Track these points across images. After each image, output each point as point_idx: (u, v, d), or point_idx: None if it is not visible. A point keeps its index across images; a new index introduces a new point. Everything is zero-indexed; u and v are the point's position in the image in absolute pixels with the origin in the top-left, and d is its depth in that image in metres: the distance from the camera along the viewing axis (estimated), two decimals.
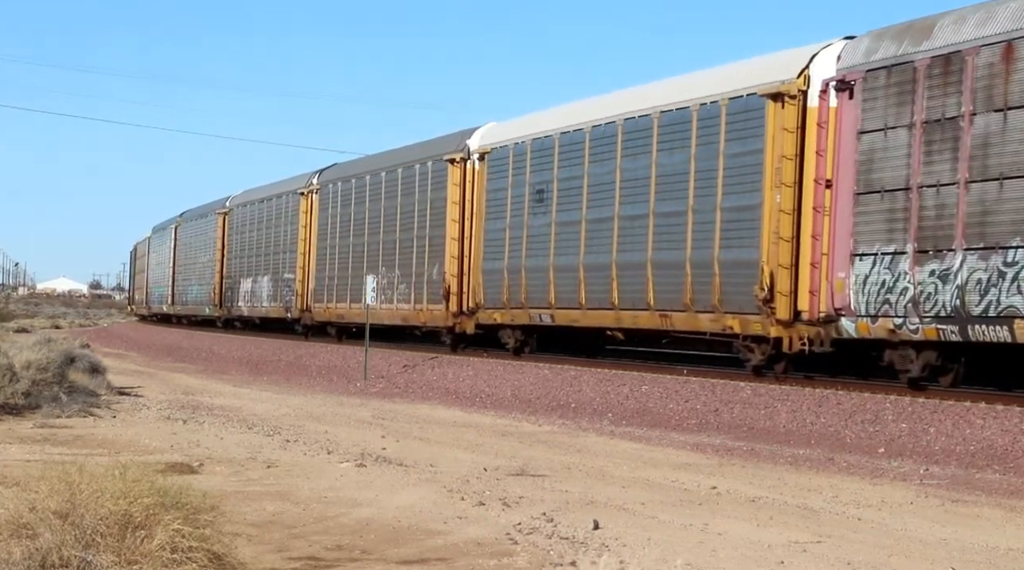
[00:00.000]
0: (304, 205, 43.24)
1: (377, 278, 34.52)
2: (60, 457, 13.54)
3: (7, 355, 20.39)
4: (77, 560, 7.14)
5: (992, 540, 10.67)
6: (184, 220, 63.49)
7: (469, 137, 32.48)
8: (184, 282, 61.65)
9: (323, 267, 41.15)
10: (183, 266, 62.06)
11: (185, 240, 62.20)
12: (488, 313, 30.76)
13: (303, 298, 42.61)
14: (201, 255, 57.89)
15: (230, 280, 52.06)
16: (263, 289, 47.50)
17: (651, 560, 9.17)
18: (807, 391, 20.58)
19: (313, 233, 42.41)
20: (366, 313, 33.24)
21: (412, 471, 13.97)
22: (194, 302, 58.93)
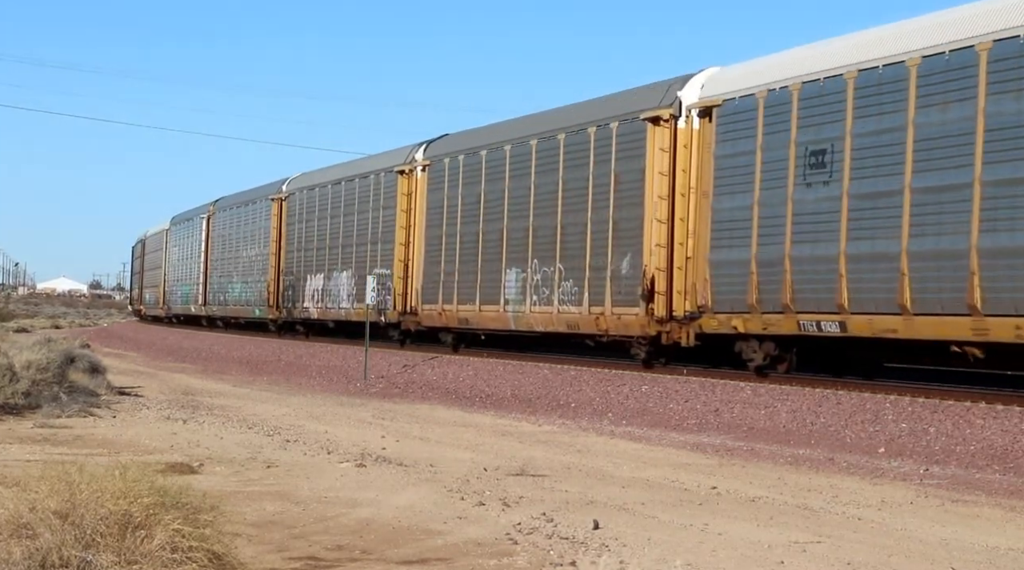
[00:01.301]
0: (405, 185, 35.60)
1: (527, 273, 28.82)
2: (60, 457, 13.54)
3: (7, 355, 20.39)
4: (77, 560, 7.14)
5: (992, 540, 10.67)
6: (220, 208, 55.22)
7: (681, 87, 24.98)
8: (223, 279, 53.26)
9: (435, 260, 33.61)
10: (221, 261, 53.82)
11: (223, 231, 54.02)
12: (720, 319, 23.13)
13: (405, 298, 35.24)
14: (247, 248, 50.04)
15: (290, 277, 44.50)
16: (340, 287, 39.94)
17: (651, 560, 9.17)
18: (807, 391, 20.59)
19: (419, 219, 34.77)
20: (367, 314, 33.17)
21: (412, 471, 13.97)
22: (238, 302, 50.97)
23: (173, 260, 64.61)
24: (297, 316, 44.00)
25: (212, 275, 55.19)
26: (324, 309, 41.27)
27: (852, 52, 20.98)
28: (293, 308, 44.12)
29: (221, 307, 53.57)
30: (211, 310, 55.26)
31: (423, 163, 34.86)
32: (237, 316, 51.61)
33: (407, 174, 35.71)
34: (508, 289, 29.00)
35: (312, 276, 42.49)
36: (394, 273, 35.54)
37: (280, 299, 45.61)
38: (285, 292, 45.09)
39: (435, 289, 33.38)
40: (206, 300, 56.11)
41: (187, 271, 60.55)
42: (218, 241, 54.70)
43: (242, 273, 50.67)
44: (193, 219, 60.07)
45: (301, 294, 43.36)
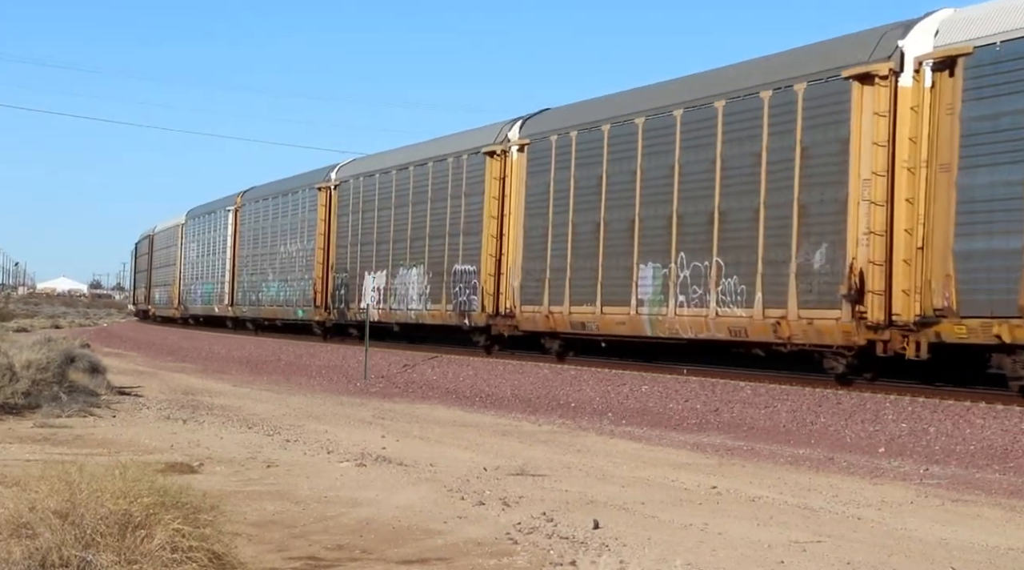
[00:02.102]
0: (495, 168, 30.70)
1: (670, 268, 24.17)
2: (60, 457, 13.54)
3: (7, 355, 20.38)
4: (77, 560, 7.14)
5: (992, 540, 10.67)
6: (249, 199, 50.58)
7: (903, 35, 19.91)
8: (255, 277, 48.15)
9: (538, 254, 28.67)
10: (252, 257, 48.75)
11: (254, 224, 49.10)
12: (970, 325, 18.13)
13: (496, 299, 30.24)
14: (287, 242, 44.94)
15: (343, 274, 39.45)
16: (410, 286, 34.59)
17: (651, 560, 9.17)
18: (807, 391, 20.59)
19: (516, 207, 29.80)
20: (366, 313, 33.20)
21: (412, 471, 13.97)
22: (275, 303, 45.77)
23: (190, 257, 59.35)
24: (352, 317, 38.56)
25: (241, 273, 50.00)
26: (387, 311, 35.82)
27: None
28: (346, 309, 39.07)
29: (253, 308, 48.20)
30: (240, 311, 49.89)
31: (520, 142, 29.94)
32: (273, 317, 46.31)
33: (498, 156, 30.59)
34: (643, 288, 24.59)
35: (371, 273, 37.35)
36: (482, 270, 30.64)
37: (330, 299, 40.53)
38: (336, 292, 40.02)
39: (538, 288, 28.57)
40: (233, 300, 50.90)
41: (209, 268, 55.41)
42: (248, 235, 49.74)
43: (280, 270, 45.41)
44: (216, 212, 54.85)
45: (356, 293, 38.17)
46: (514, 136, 30.41)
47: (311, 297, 41.77)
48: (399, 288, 35.41)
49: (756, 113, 22.49)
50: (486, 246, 30.82)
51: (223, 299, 52.42)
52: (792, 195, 21.53)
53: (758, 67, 23.58)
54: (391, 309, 35.70)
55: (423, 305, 33.82)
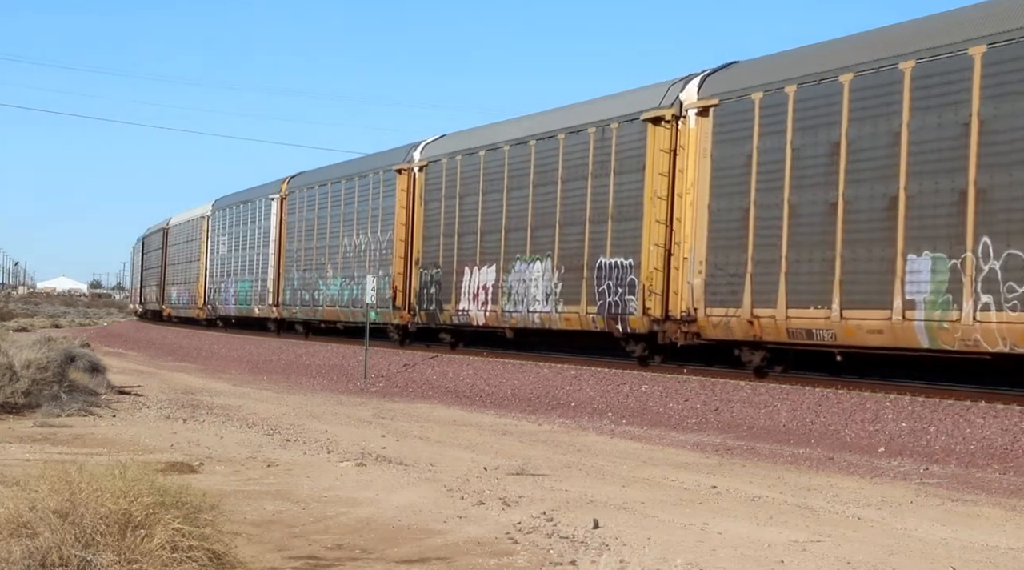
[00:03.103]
0: (660, 139, 24.76)
1: (963, 258, 18.44)
2: (60, 456, 13.54)
3: (7, 354, 20.39)
4: (77, 559, 7.14)
5: (992, 539, 10.67)
6: (298, 186, 44.76)
7: None
8: (309, 274, 42.30)
9: (733, 244, 22.85)
10: (304, 251, 43.13)
11: (306, 213, 43.32)
12: None
13: (667, 299, 24.52)
14: (352, 234, 39.08)
15: (434, 270, 33.80)
16: (532, 283, 28.96)
17: (651, 559, 9.17)
18: (807, 390, 20.58)
19: (694, 185, 23.90)
20: (365, 314, 33.16)
21: (412, 470, 13.97)
22: (337, 303, 39.87)
23: (220, 251, 53.27)
24: (445, 321, 33.05)
25: (290, 269, 44.20)
26: (499, 314, 30.15)
27: None
28: (439, 311, 33.21)
29: (306, 308, 42.23)
30: (290, 312, 43.95)
31: (700, 104, 23.99)
32: (333, 320, 40.57)
33: (667, 123, 24.77)
34: (913, 285, 19.24)
35: (475, 269, 31.49)
36: (643, 264, 24.94)
37: (415, 300, 34.74)
38: (423, 290, 34.24)
39: (734, 285, 22.68)
40: (280, 300, 45.01)
41: (245, 264, 49.56)
42: (298, 226, 43.73)
43: (343, 266, 39.57)
44: (255, 201, 48.94)
45: (453, 293, 32.38)
46: (689, 96, 24.36)
47: (388, 297, 35.89)
48: (515, 286, 29.56)
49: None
50: (649, 234, 24.89)
51: (265, 298, 46.54)
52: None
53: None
54: (503, 312, 29.90)
55: (552, 307, 28.08)
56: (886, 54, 20.22)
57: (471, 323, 31.64)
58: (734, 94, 23.34)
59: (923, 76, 19.34)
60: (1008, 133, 17.94)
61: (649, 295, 24.75)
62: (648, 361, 25.73)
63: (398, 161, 36.45)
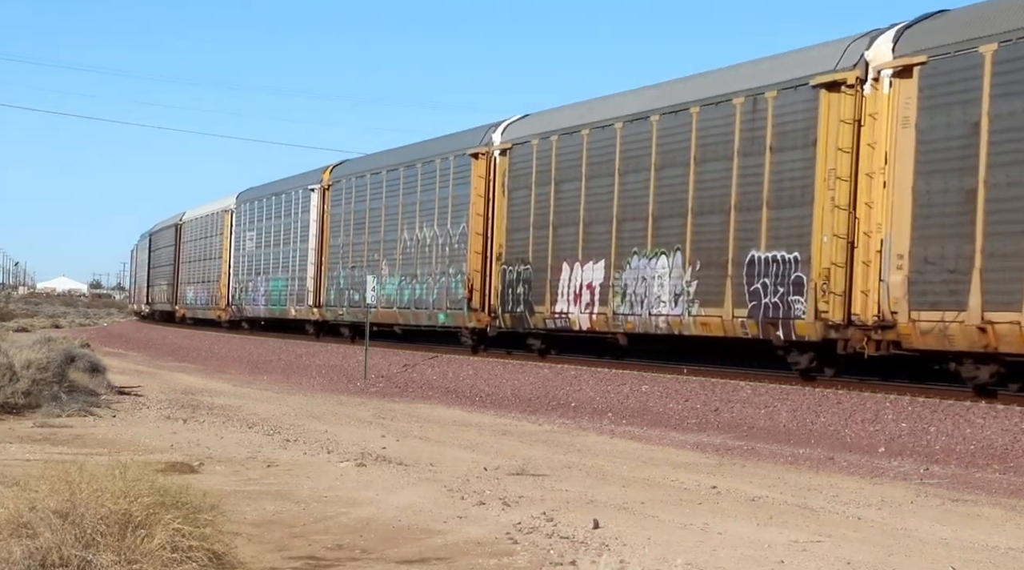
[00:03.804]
0: (841, 108, 20.68)
1: None
2: (60, 456, 13.55)
3: (7, 354, 20.39)
4: (77, 559, 7.14)
5: (992, 539, 10.67)
6: (343, 176, 40.53)
7: None
8: (359, 272, 37.69)
9: (948, 232, 18.75)
10: (352, 246, 38.92)
11: (355, 205, 39.02)
12: None
13: (849, 299, 20.50)
14: (415, 227, 34.78)
15: (522, 267, 29.41)
16: (654, 282, 24.67)
17: (651, 559, 9.17)
18: (807, 390, 20.59)
19: (893, 163, 19.65)
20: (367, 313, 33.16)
21: (412, 470, 13.97)
22: (395, 304, 35.65)
23: (247, 248, 49.14)
24: (537, 325, 28.96)
25: (334, 267, 40.02)
26: (609, 317, 26.03)
27: None
28: (528, 313, 29.07)
29: (356, 309, 37.39)
30: (335, 313, 39.86)
31: (896, 64, 19.79)
32: (391, 322, 36.41)
33: (848, 88, 20.59)
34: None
35: (575, 265, 27.32)
36: (813, 258, 21.02)
37: (496, 300, 30.50)
38: (507, 290, 30.04)
39: (954, 283, 18.52)
40: (322, 300, 40.96)
41: (278, 262, 45.39)
42: (345, 219, 39.55)
43: (403, 263, 35.29)
44: (290, 193, 44.81)
45: (547, 292, 28.30)
46: (880, 55, 20.27)
47: (461, 297, 31.73)
48: (631, 285, 25.31)
49: None
50: (822, 223, 20.91)
51: (304, 299, 42.32)
52: None
53: None
54: (615, 315, 25.76)
55: (684, 309, 23.81)
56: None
57: (571, 327, 27.24)
58: (950, 49, 18.96)
59: None
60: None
61: (824, 295, 20.66)
62: (814, 375, 21.53)
63: (473, 144, 31.75)
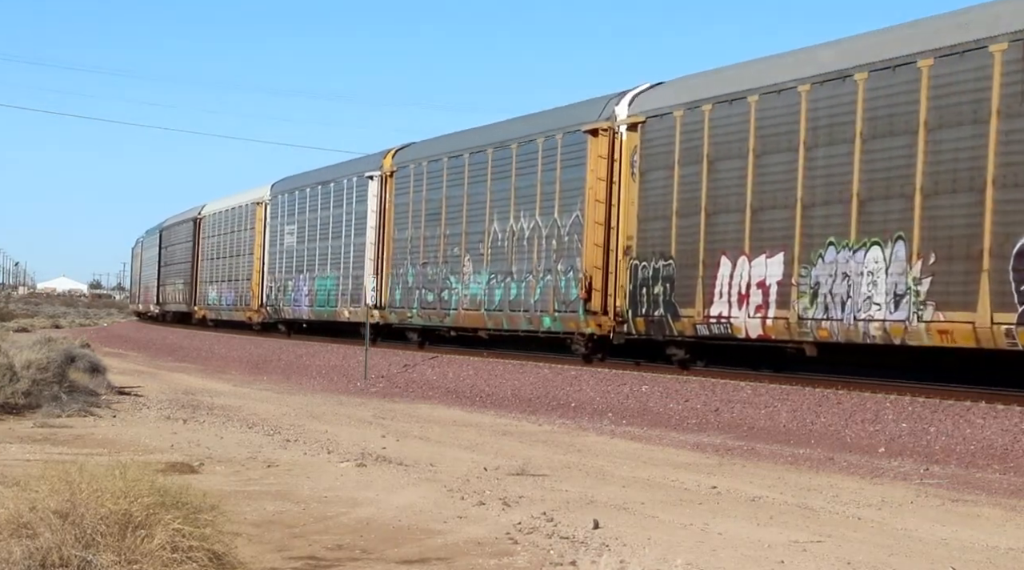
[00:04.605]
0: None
1: None
2: (60, 456, 13.55)
3: (7, 355, 20.38)
4: (77, 559, 7.14)
5: (992, 540, 10.67)
6: (411, 161, 35.45)
7: None
8: (433, 269, 33.21)
9: None
10: (423, 240, 34.06)
11: (426, 193, 33.98)
12: None
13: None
14: (508, 217, 29.80)
15: (660, 263, 24.60)
16: (860, 280, 20.19)
17: (651, 559, 9.17)
18: (807, 390, 20.59)
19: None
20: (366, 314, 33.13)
21: (412, 470, 13.97)
22: (478, 305, 30.87)
23: (286, 243, 44.66)
24: (683, 332, 24.04)
25: (401, 263, 35.18)
26: (792, 322, 21.38)
27: None
28: (670, 317, 24.22)
29: (432, 312, 33.18)
30: (401, 316, 35.00)
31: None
32: (475, 327, 31.57)
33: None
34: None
35: (740, 260, 22.61)
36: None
37: (624, 301, 25.69)
38: (640, 289, 25.25)
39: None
40: (384, 301, 36.19)
41: (326, 258, 40.79)
42: (411, 209, 34.87)
43: (492, 258, 30.46)
44: (341, 181, 40.13)
45: (698, 292, 23.48)
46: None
47: (575, 298, 26.95)
48: (825, 283, 20.87)
49: None
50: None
51: (359, 299, 37.38)
52: None
53: None
54: (801, 320, 21.23)
55: (908, 313, 19.20)
56: None
57: (733, 334, 22.54)
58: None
59: None
60: None
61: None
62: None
63: (589, 119, 27.01)
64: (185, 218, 63.25)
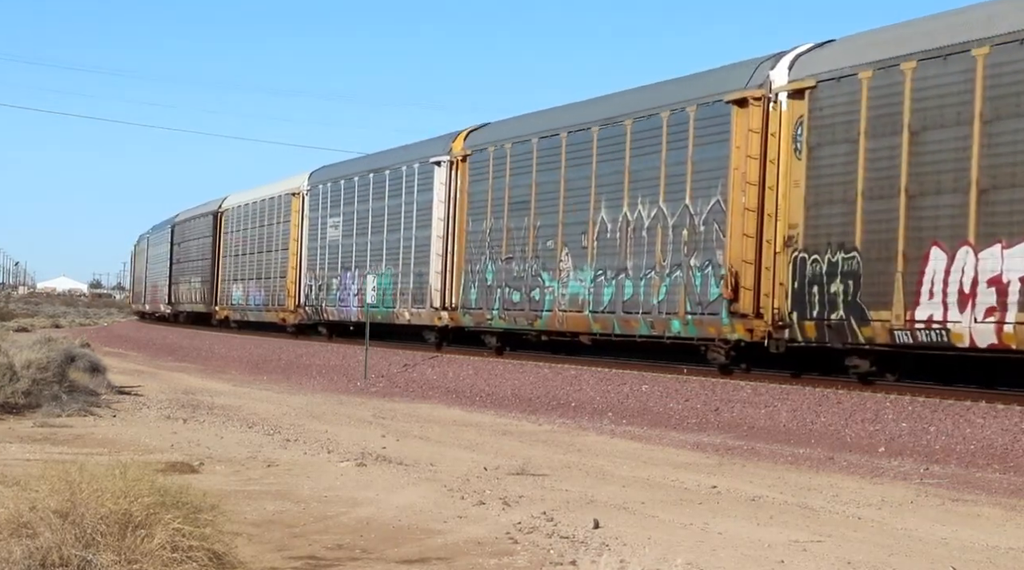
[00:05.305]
0: None
1: None
2: (60, 456, 13.55)
3: (7, 354, 20.39)
4: (77, 559, 7.15)
5: (992, 539, 10.67)
6: (488, 142, 31.39)
7: None
8: (520, 266, 29.24)
9: None
10: (501, 233, 30.18)
11: (507, 181, 30.06)
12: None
13: None
14: (618, 204, 25.83)
15: (838, 256, 20.52)
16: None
17: (651, 559, 9.17)
18: (807, 390, 20.58)
19: None
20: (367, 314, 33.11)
21: (412, 470, 13.97)
22: (580, 306, 26.79)
23: (329, 237, 40.73)
24: (873, 338, 19.78)
25: (477, 259, 31.19)
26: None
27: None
28: (852, 321, 20.04)
29: (517, 313, 29.31)
30: (478, 318, 31.16)
31: None
32: (578, 330, 27.44)
33: None
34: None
35: (960, 251, 18.33)
36: None
37: (785, 300, 21.34)
38: (807, 287, 20.90)
39: None
40: (454, 301, 32.26)
41: (381, 253, 36.74)
42: (490, 199, 30.87)
43: (600, 252, 26.41)
44: (398, 168, 36.00)
45: (894, 292, 19.35)
46: None
47: (715, 298, 22.82)
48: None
49: None
50: None
51: (425, 299, 33.70)
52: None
53: None
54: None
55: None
56: None
57: (954, 342, 18.28)
58: None
59: None
60: None
61: None
62: None
63: (734, 87, 22.89)
64: (203, 212, 59.07)
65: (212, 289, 55.15)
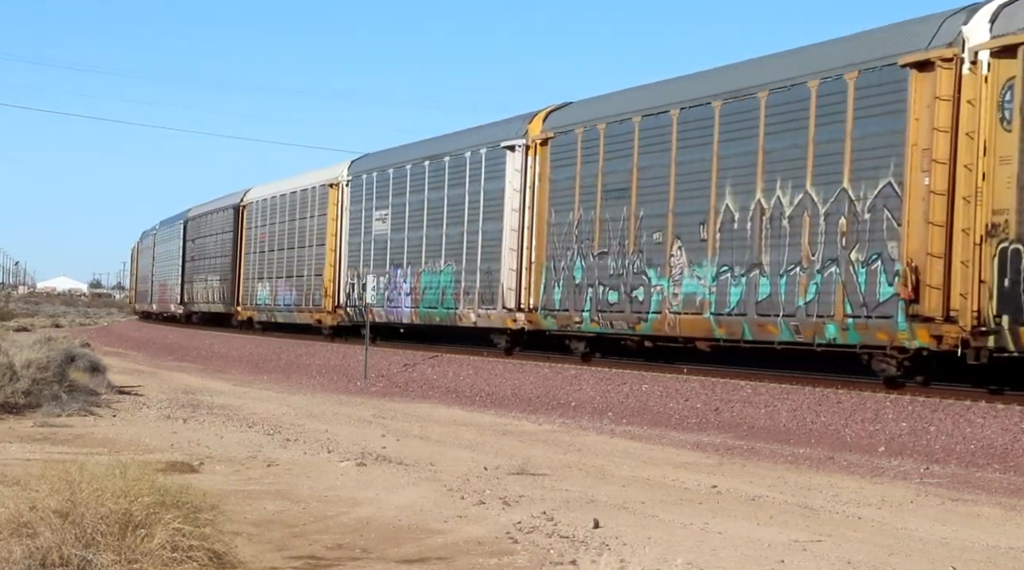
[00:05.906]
0: None
1: None
2: (60, 456, 13.55)
3: (7, 354, 20.39)
4: (77, 559, 7.15)
5: (992, 539, 10.68)
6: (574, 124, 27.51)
7: None
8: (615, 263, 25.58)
9: None
10: (591, 225, 26.41)
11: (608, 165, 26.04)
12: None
13: None
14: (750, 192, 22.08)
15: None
16: None
17: (651, 559, 9.17)
18: (807, 390, 20.58)
19: None
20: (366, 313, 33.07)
21: (412, 470, 13.97)
22: (698, 308, 23.10)
23: (375, 230, 36.70)
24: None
25: (562, 255, 27.39)
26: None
27: None
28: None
29: (613, 316, 25.60)
30: (563, 320, 27.42)
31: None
32: (694, 336, 23.84)
33: None
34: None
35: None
36: None
37: (990, 304, 17.40)
38: (1021, 287, 17.06)
39: None
40: (533, 302, 28.48)
41: (439, 247, 32.79)
42: (578, 186, 27.02)
43: (719, 248, 22.73)
44: (460, 155, 32.15)
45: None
46: None
47: (887, 299, 19.13)
48: None
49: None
50: None
51: (494, 299, 30.13)
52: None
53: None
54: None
55: None
56: None
57: None
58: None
59: None
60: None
61: None
62: None
63: (911, 48, 19.03)
64: (222, 205, 54.43)
65: (233, 288, 50.90)
